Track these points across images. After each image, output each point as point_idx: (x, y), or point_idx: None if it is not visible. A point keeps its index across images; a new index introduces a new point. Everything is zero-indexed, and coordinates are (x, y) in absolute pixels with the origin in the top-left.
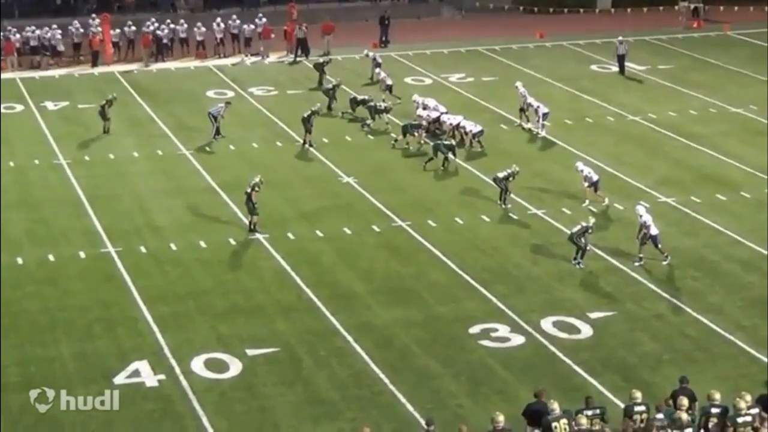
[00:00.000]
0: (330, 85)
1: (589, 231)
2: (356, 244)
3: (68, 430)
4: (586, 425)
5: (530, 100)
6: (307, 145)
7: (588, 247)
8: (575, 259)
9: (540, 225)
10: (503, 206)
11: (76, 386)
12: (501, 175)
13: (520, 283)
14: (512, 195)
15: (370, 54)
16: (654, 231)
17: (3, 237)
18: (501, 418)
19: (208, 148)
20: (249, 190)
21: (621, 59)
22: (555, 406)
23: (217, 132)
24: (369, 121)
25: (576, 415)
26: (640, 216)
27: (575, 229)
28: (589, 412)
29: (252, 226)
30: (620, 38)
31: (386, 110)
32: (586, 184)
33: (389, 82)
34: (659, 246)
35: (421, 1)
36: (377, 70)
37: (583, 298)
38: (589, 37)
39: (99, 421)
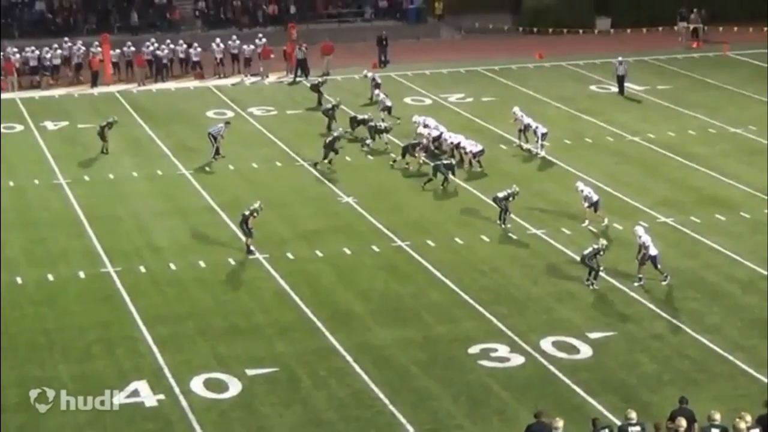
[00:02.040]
0: (329, 105)
1: (601, 253)
2: (355, 264)
3: None
4: None
5: (528, 120)
6: (325, 164)
7: (601, 268)
8: (588, 280)
9: (539, 245)
10: (503, 226)
11: (76, 406)
12: (501, 195)
13: (519, 303)
14: (512, 215)
15: (369, 75)
16: (653, 251)
17: (3, 257)
18: None
19: (207, 168)
20: (247, 214)
21: (620, 80)
22: (559, 425)
23: (217, 152)
24: (369, 141)
25: None
26: (639, 237)
27: (587, 251)
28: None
29: (248, 248)
30: (620, 59)
31: (386, 130)
32: (586, 204)
33: (388, 103)
34: (659, 267)
35: (420, 22)
36: (376, 91)
37: (583, 319)
38: (588, 57)
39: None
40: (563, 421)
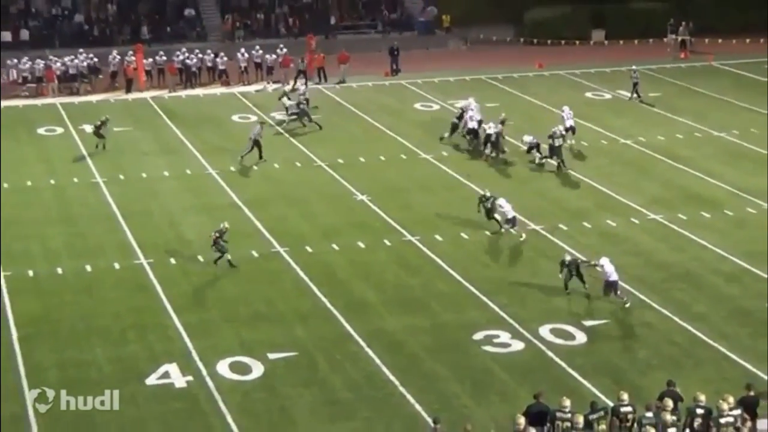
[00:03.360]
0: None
1: (581, 263)
2: (369, 257)
3: (102, 427)
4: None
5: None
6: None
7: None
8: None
9: (538, 239)
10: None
11: (110, 385)
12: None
13: (520, 294)
14: (515, 213)
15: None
16: (613, 277)
17: (45, 249)
18: (522, 420)
19: (255, 167)
20: (216, 236)
21: (635, 86)
22: (567, 404)
23: (260, 155)
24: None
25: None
26: (602, 266)
27: (568, 258)
28: (595, 415)
29: (229, 263)
30: (634, 68)
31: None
32: (501, 218)
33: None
34: (618, 293)
35: (429, 33)
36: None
37: (578, 307)
38: (584, 67)
39: (131, 418)
40: (569, 401)
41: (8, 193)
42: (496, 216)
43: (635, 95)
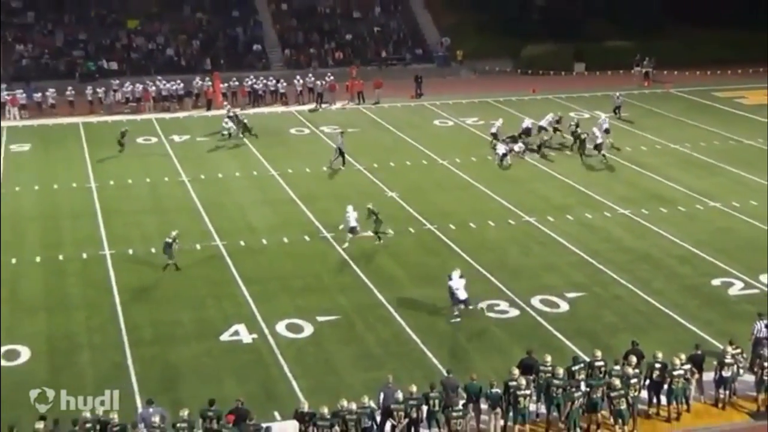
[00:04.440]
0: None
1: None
2: (397, 241)
3: (187, 375)
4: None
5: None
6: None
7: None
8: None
9: (531, 229)
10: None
11: (192, 342)
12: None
13: (516, 271)
14: (510, 206)
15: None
16: (462, 296)
17: (142, 233)
18: (516, 371)
19: (342, 168)
20: (170, 241)
21: (618, 108)
22: (548, 359)
23: (342, 162)
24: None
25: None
26: (451, 280)
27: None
28: (576, 367)
29: (166, 267)
30: (618, 94)
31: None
32: (343, 226)
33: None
34: (462, 307)
35: (445, 65)
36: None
37: (562, 283)
38: (568, 92)
39: (209, 367)
40: (551, 357)
41: (113, 188)
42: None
43: (617, 114)
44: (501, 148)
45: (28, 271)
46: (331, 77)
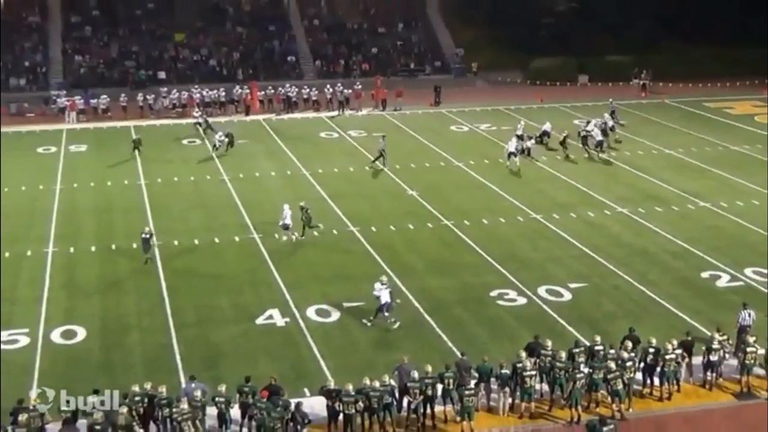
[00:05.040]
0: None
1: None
2: (416, 235)
3: (226, 355)
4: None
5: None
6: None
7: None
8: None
9: (537, 225)
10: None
11: (231, 325)
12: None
13: (524, 263)
14: (520, 204)
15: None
16: (385, 299)
17: (186, 226)
18: (524, 354)
19: (385, 168)
20: (147, 237)
21: (613, 112)
22: (548, 344)
23: (383, 163)
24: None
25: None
26: (377, 289)
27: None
28: (576, 350)
29: (146, 261)
30: (611, 100)
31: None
32: (281, 223)
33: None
34: (387, 313)
35: (461, 76)
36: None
37: (566, 274)
38: (572, 101)
39: (246, 348)
40: (551, 342)
41: (160, 186)
42: (286, 221)
43: (614, 118)
44: (511, 146)
45: (84, 259)
46: (359, 86)
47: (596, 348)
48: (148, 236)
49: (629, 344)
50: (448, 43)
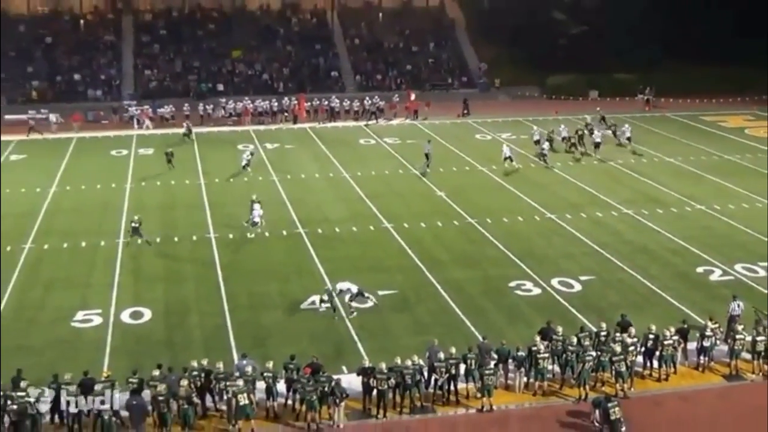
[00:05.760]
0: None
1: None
2: (444, 231)
3: (274, 335)
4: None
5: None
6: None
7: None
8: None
9: (552, 223)
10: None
11: (278, 309)
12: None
13: (539, 257)
14: (536, 205)
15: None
16: (354, 290)
17: (239, 221)
18: (538, 338)
19: (428, 171)
20: (136, 225)
21: (603, 119)
22: (560, 329)
23: (427, 165)
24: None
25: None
26: (345, 286)
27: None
28: (582, 334)
29: (136, 244)
30: (598, 108)
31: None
32: (252, 221)
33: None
34: (352, 303)
35: (486, 90)
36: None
37: (577, 267)
38: (584, 114)
39: (291, 330)
40: (561, 328)
41: (217, 185)
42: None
43: (605, 124)
44: (506, 151)
45: (150, 249)
46: (396, 98)
47: (602, 333)
48: (137, 225)
49: (633, 330)
50: (473, 61)
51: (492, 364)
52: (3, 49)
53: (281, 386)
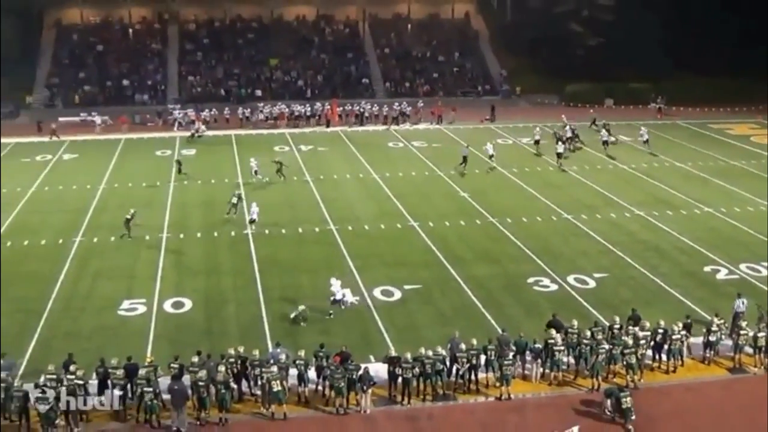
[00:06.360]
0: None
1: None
2: (466, 230)
3: (308, 326)
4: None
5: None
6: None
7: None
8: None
9: (568, 223)
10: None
11: (309, 301)
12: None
13: (556, 255)
14: (553, 206)
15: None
16: (339, 296)
17: (275, 218)
18: (554, 332)
19: (465, 172)
20: (129, 218)
21: (593, 122)
22: (575, 323)
23: (464, 166)
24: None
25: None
26: (331, 286)
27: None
28: (596, 329)
29: (123, 236)
30: (591, 110)
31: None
32: (249, 218)
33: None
34: (342, 306)
35: (507, 98)
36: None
37: (591, 265)
38: (600, 121)
39: (323, 320)
40: (576, 321)
41: (255, 184)
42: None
43: (596, 127)
44: (489, 149)
45: (192, 244)
46: (421, 104)
47: (615, 327)
48: (130, 217)
49: (647, 324)
50: (496, 70)
51: (510, 355)
52: (58, 56)
53: (312, 373)
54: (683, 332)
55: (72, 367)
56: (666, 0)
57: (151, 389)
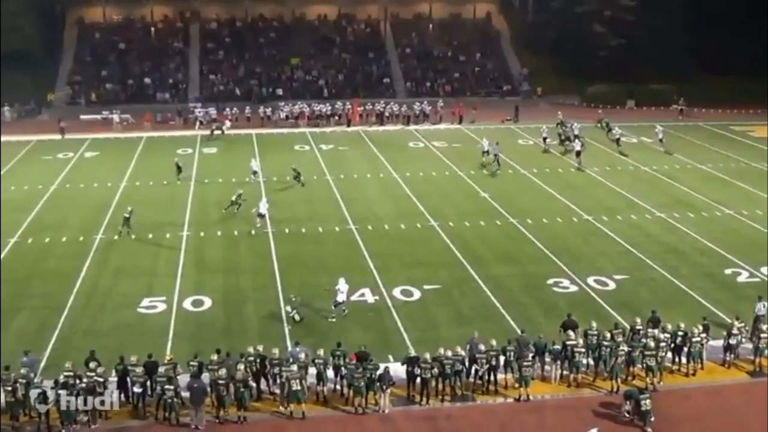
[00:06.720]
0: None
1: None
2: (486, 230)
3: (324, 325)
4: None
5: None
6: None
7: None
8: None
9: (588, 225)
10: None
11: (329, 300)
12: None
13: (576, 256)
14: (574, 207)
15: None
16: (341, 299)
17: (295, 217)
18: (571, 333)
19: (486, 172)
20: (127, 216)
21: (604, 124)
22: (594, 325)
23: (498, 164)
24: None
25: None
26: (337, 285)
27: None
28: (616, 331)
29: (124, 234)
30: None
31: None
32: (257, 212)
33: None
34: (343, 309)
35: (528, 98)
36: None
37: (611, 266)
38: (621, 122)
39: (342, 319)
40: (595, 323)
41: (275, 182)
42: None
43: (600, 126)
44: (485, 145)
45: (211, 242)
46: (441, 104)
47: (637, 328)
48: (128, 215)
49: (669, 326)
50: (517, 71)
51: (529, 356)
52: (80, 54)
53: (331, 372)
54: (703, 335)
55: (92, 364)
56: (688, 1)
57: (171, 387)
